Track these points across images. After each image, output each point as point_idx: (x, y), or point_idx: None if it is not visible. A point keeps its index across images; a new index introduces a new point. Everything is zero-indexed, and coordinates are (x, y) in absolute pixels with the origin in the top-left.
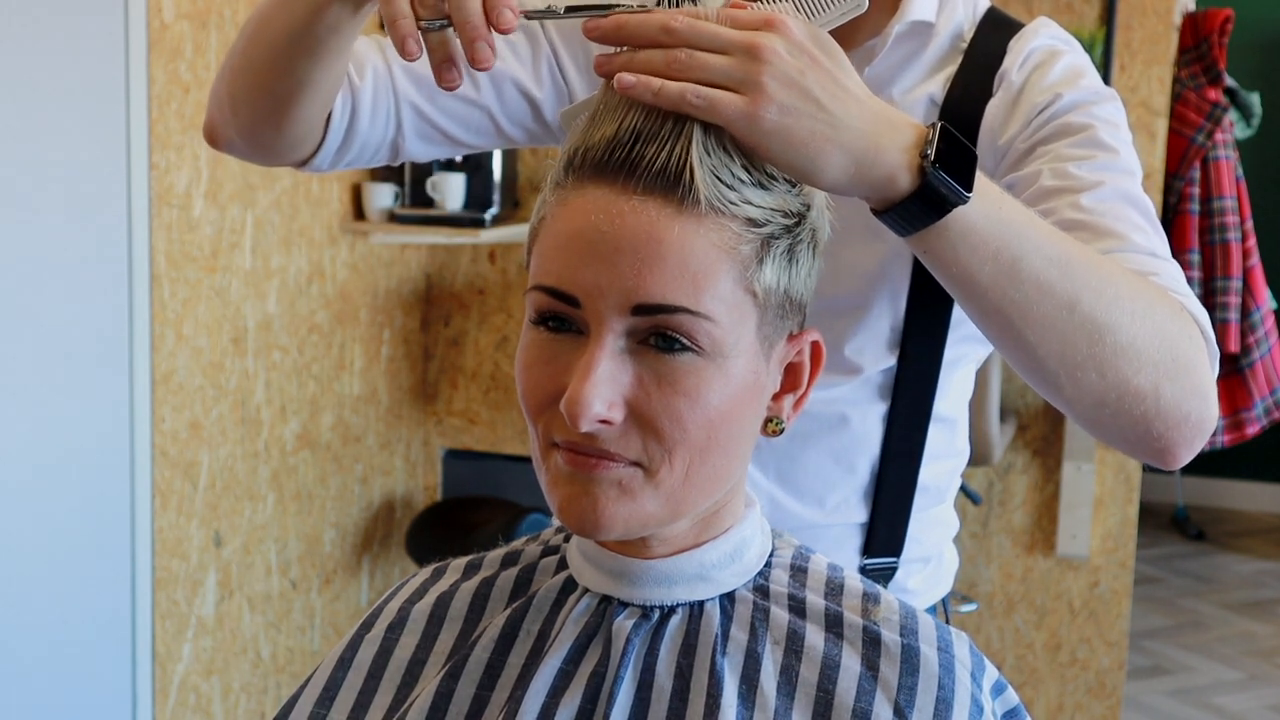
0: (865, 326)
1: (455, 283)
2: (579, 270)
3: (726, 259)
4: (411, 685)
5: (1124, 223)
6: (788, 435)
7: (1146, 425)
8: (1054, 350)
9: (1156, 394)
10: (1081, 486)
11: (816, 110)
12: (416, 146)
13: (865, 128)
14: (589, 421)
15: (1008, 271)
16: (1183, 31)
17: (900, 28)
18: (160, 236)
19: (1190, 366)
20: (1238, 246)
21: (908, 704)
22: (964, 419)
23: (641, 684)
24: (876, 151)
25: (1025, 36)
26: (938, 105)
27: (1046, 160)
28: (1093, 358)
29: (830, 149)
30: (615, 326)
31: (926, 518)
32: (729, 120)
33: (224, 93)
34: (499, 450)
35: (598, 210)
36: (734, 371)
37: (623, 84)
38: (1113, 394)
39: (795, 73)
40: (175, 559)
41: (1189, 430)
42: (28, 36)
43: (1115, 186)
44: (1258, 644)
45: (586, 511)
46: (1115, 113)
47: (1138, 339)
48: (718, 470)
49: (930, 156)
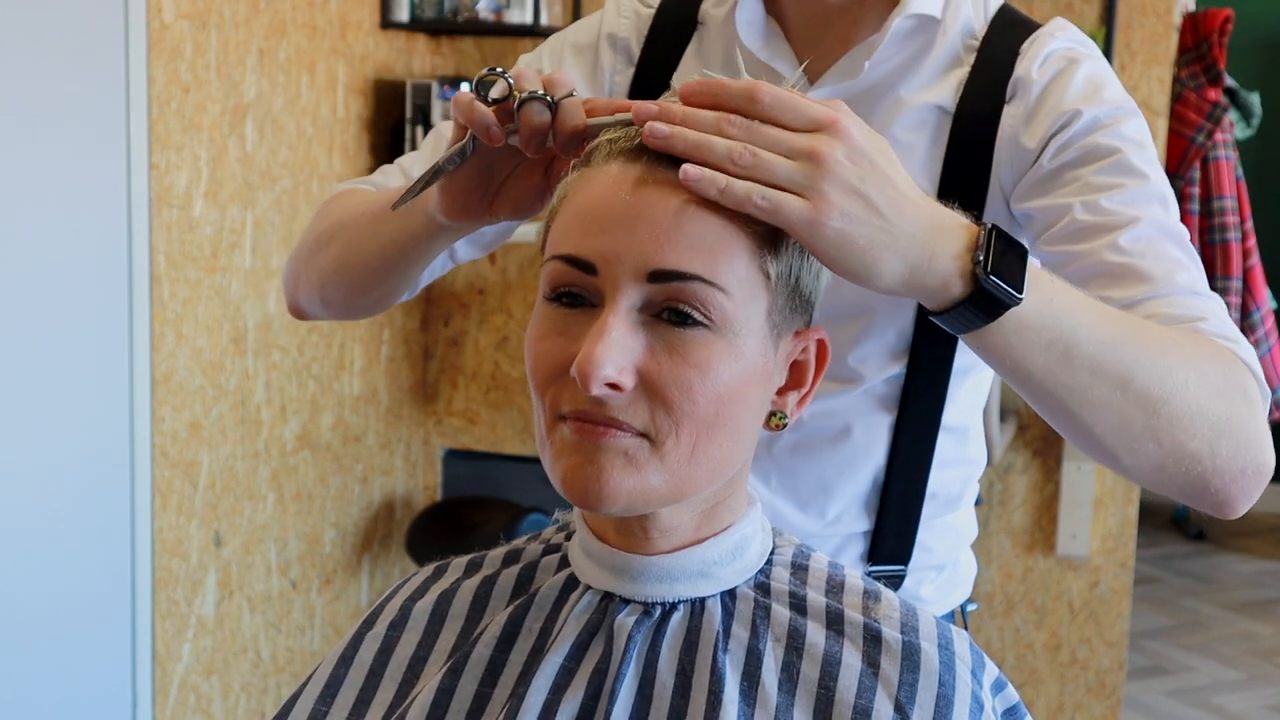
0: (871, 335)
1: (455, 283)
2: (598, 237)
3: (743, 236)
4: (413, 683)
5: (1165, 261)
6: (789, 447)
7: (1204, 483)
8: (1110, 428)
9: (1213, 454)
10: (1081, 486)
11: (875, 218)
12: (470, 251)
13: (921, 235)
14: (599, 383)
15: (1060, 359)
16: (1183, 31)
17: (901, 21)
18: (160, 236)
19: (1244, 421)
20: (1238, 246)
21: (908, 701)
22: (976, 426)
23: (643, 681)
24: (931, 259)
25: (1040, 39)
26: (949, 115)
27: (1075, 190)
28: (1149, 429)
29: (888, 256)
30: (631, 294)
31: (937, 525)
32: (792, 225)
33: (313, 292)
34: (499, 450)
35: (620, 182)
36: (744, 350)
37: (688, 176)
38: (1170, 459)
39: (856, 180)
40: (175, 559)
41: (1246, 482)
42: (28, 36)
43: (1151, 220)
44: (1258, 644)
45: (590, 481)
46: (1140, 130)
47: (1192, 406)
48: (723, 451)
49: (983, 263)
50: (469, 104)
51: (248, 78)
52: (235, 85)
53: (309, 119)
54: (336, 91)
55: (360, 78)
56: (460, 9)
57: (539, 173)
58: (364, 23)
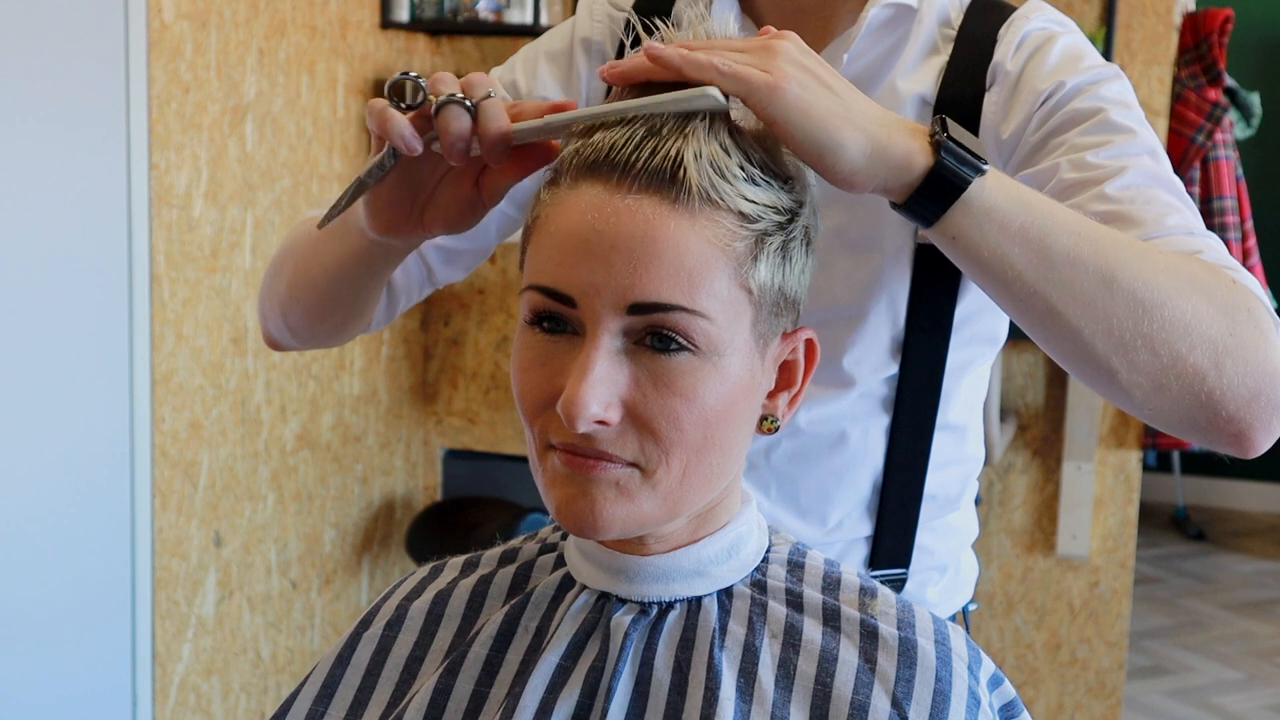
0: (864, 337)
1: (455, 283)
2: (574, 270)
3: (721, 256)
4: (410, 682)
5: (1155, 205)
6: (787, 456)
7: (1214, 407)
8: (1099, 330)
9: (1219, 371)
10: (1081, 486)
11: (831, 94)
12: (449, 273)
13: (877, 115)
14: (586, 422)
15: (1038, 249)
16: (1183, 31)
17: (877, 11)
18: (160, 236)
19: (1252, 340)
20: (1238, 246)
21: (905, 696)
22: (975, 424)
23: (640, 678)
24: (889, 134)
25: (1016, 23)
26: (929, 105)
27: (1062, 152)
28: (1141, 335)
29: (848, 127)
30: (611, 326)
31: (937, 526)
32: (753, 89)
33: (279, 321)
34: (499, 450)
35: (592, 209)
36: (729, 370)
37: (651, 52)
38: (1171, 374)
39: (810, 63)
40: (175, 559)
41: (1262, 409)
42: (28, 36)
43: (1139, 169)
44: (1258, 644)
45: (584, 512)
46: (1123, 91)
47: (1187, 313)
48: (714, 469)
49: (941, 132)
50: (381, 112)
51: (248, 78)
52: (235, 85)
53: (309, 119)
54: (336, 91)
55: (360, 78)
56: (460, 9)
57: (468, 183)
58: (364, 23)
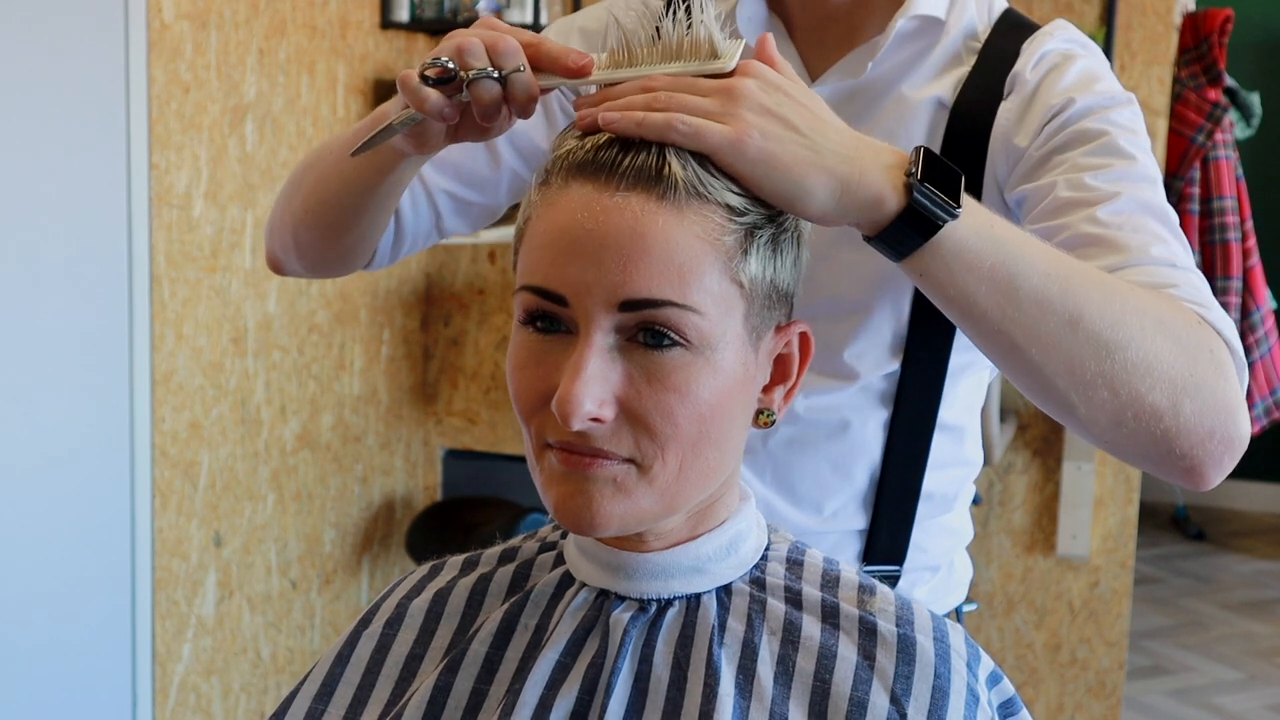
0: (867, 331)
1: (455, 282)
2: (565, 268)
3: (711, 250)
4: (409, 680)
5: (1142, 234)
6: (785, 441)
7: (1169, 444)
8: (1061, 369)
9: (1175, 411)
10: (1081, 486)
11: (797, 136)
12: (457, 223)
13: (847, 151)
14: (580, 420)
15: (1005, 290)
16: (1183, 31)
17: (905, 22)
18: (160, 236)
19: (1211, 381)
20: (1238, 246)
21: (904, 693)
22: (973, 427)
23: (639, 675)
24: (861, 173)
25: (1040, 38)
26: (946, 108)
27: (1062, 171)
28: (1102, 375)
29: (815, 173)
30: (603, 323)
31: (932, 526)
32: (715, 147)
33: (288, 238)
34: (499, 450)
35: (581, 208)
36: (723, 364)
37: (606, 120)
38: (1129, 412)
39: (772, 104)
40: (175, 559)
41: (1215, 447)
42: (28, 36)
43: (1133, 196)
44: (1258, 644)
45: (582, 510)
46: (1133, 118)
47: (1149, 354)
48: (711, 464)
49: (915, 174)
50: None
51: (248, 78)
52: (235, 85)
53: (309, 119)
54: (336, 91)
55: (360, 78)
56: (460, 9)
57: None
58: (364, 23)
